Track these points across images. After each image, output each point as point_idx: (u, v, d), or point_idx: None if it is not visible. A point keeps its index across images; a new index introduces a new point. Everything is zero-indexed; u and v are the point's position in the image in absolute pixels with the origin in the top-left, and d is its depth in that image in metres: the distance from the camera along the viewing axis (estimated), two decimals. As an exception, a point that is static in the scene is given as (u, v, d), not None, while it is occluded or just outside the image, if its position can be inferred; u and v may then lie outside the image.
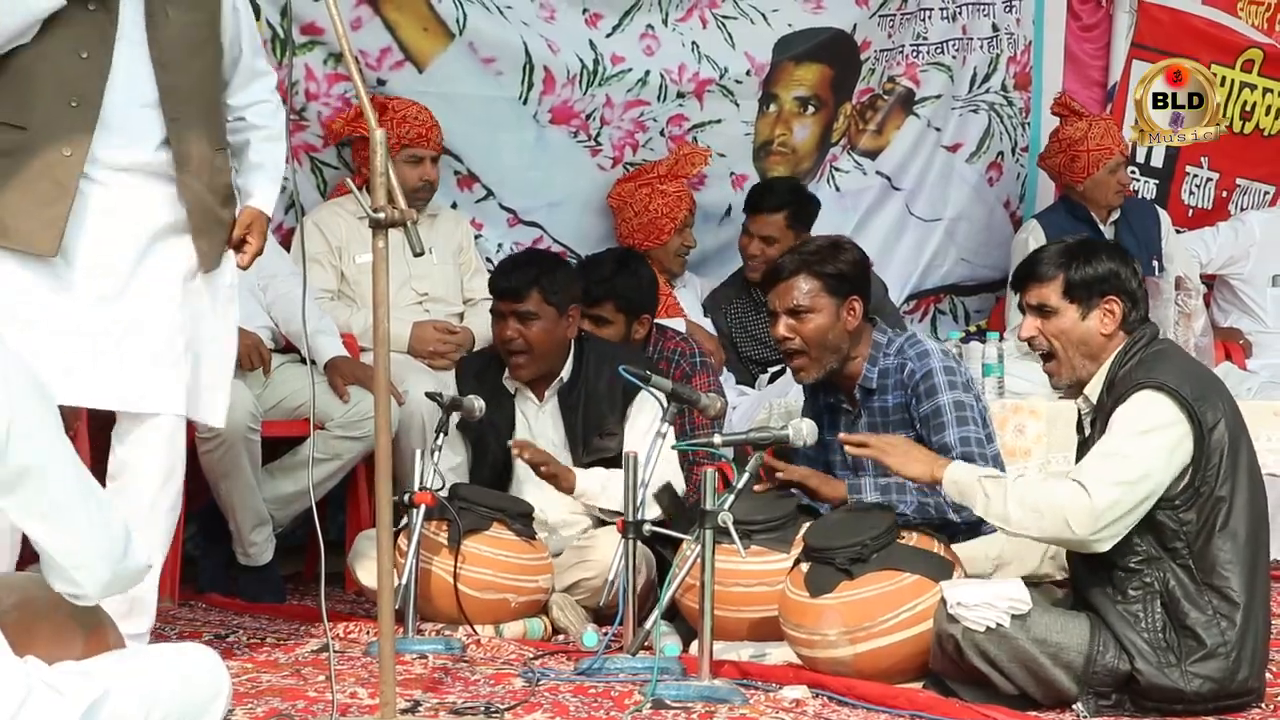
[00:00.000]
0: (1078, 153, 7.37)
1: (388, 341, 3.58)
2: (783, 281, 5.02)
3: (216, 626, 5.19)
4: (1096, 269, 4.26)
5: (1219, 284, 7.95)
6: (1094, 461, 4.10)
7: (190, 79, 4.32)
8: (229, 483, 5.69)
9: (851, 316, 4.99)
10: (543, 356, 5.53)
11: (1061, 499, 4.06)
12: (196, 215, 4.33)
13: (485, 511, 5.15)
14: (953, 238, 7.97)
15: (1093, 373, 4.26)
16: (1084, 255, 4.30)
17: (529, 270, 5.58)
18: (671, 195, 6.89)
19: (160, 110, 4.28)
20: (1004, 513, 4.15)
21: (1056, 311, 4.28)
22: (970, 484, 4.23)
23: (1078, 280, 4.26)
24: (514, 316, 5.50)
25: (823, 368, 5.00)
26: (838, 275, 4.99)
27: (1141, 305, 4.28)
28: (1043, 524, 4.10)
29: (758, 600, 4.67)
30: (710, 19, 7.24)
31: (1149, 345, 4.22)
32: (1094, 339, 4.26)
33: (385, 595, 3.50)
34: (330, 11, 3.76)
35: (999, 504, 4.15)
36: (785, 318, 5.00)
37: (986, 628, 4.08)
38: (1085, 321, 4.26)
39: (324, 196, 6.55)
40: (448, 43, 6.70)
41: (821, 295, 4.98)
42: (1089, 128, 7.42)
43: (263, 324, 5.97)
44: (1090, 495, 4.03)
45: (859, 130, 7.71)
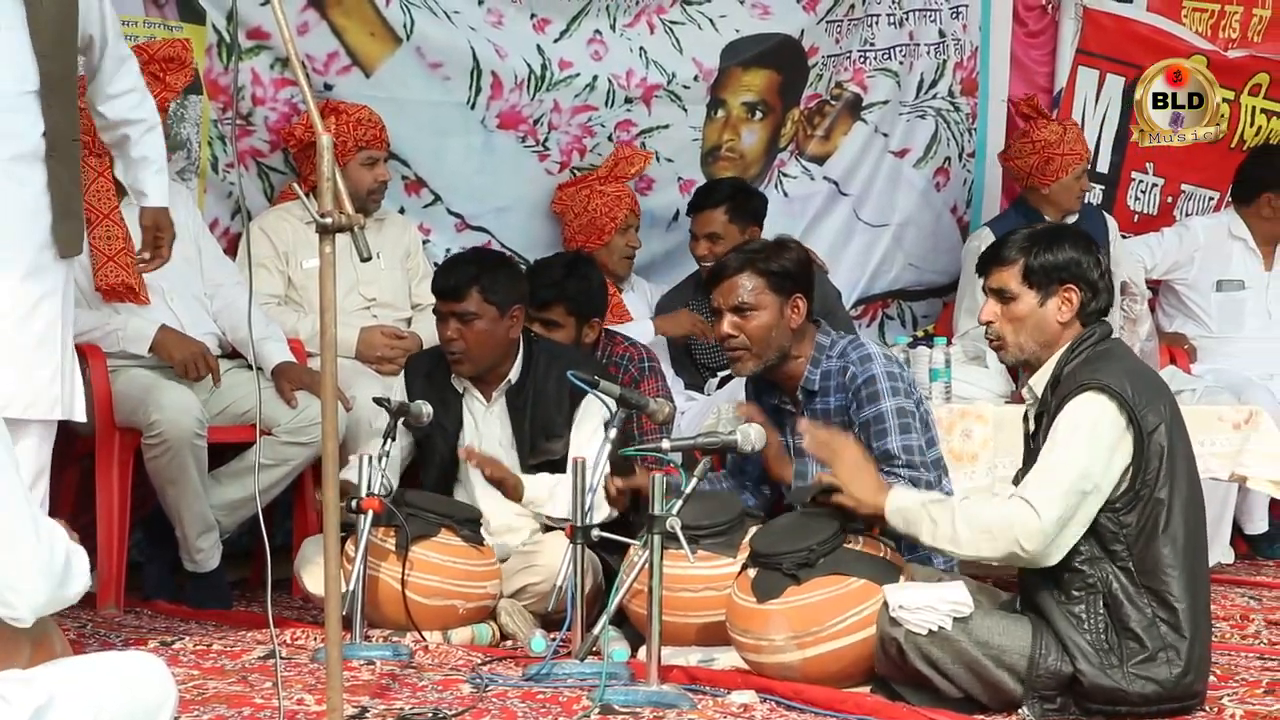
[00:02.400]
0: (1053, 155, 7.39)
1: (335, 347, 3.56)
2: (726, 279, 5.04)
3: (162, 633, 5.17)
4: (1057, 256, 4.28)
5: (1164, 289, 7.99)
6: (1038, 476, 4.11)
7: (61, 67, 4.32)
8: (175, 489, 5.66)
9: (795, 315, 5.00)
10: (482, 357, 5.52)
11: (1010, 519, 4.07)
12: (60, 203, 4.32)
13: (433, 518, 5.15)
14: (900, 243, 7.99)
15: (1043, 358, 4.27)
16: (1046, 241, 4.31)
17: (469, 269, 5.57)
18: (610, 195, 6.89)
19: (39, 98, 4.26)
20: (953, 536, 4.15)
21: (1015, 296, 4.29)
22: (915, 510, 4.23)
23: (1037, 266, 4.28)
24: (453, 317, 5.49)
25: (762, 362, 5.02)
26: (781, 273, 5.01)
27: (1103, 297, 4.29)
28: (994, 546, 4.11)
29: (705, 605, 4.67)
30: (658, 24, 7.25)
31: (1098, 344, 4.24)
32: (1049, 326, 4.27)
33: (332, 601, 3.48)
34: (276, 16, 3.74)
35: (947, 528, 4.15)
36: (729, 315, 5.01)
37: (929, 631, 4.10)
38: (1042, 308, 4.28)
39: (270, 201, 6.53)
40: (395, 47, 6.69)
41: (765, 293, 5.00)
42: (1064, 131, 7.46)
43: (209, 330, 5.94)
44: (1038, 514, 4.04)
45: (806, 136, 7.73)
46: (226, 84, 6.34)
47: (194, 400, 5.65)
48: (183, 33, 6.26)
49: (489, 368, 5.55)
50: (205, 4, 6.29)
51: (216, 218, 6.41)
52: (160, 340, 5.75)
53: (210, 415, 5.72)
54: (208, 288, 6.02)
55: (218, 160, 6.41)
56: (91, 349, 5.70)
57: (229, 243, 6.37)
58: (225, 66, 6.34)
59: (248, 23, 6.33)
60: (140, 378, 5.70)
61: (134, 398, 5.65)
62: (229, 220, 6.46)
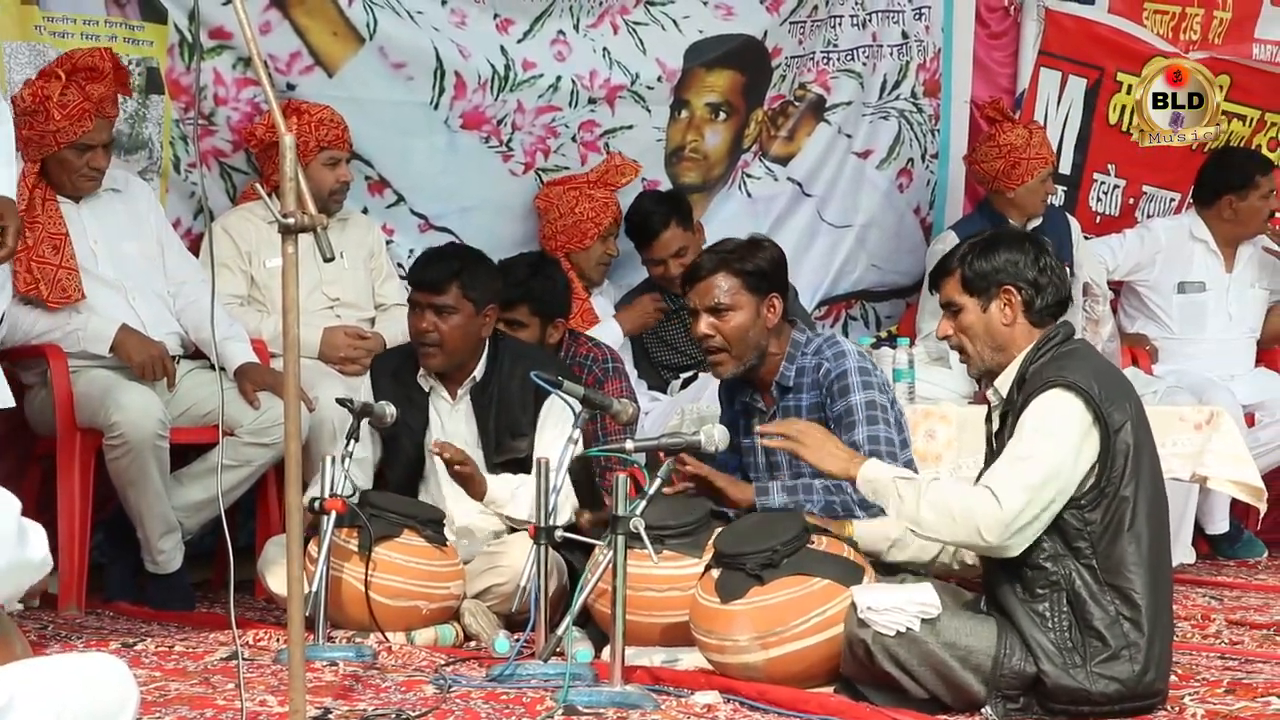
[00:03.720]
0: (1019, 159, 7.41)
1: (298, 347, 3.55)
2: (702, 280, 5.03)
3: (124, 634, 5.15)
4: (990, 261, 4.30)
5: (1126, 290, 8.02)
6: (1003, 467, 4.13)
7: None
8: (136, 490, 5.64)
9: (771, 314, 5.01)
10: (455, 351, 5.52)
11: (973, 505, 4.09)
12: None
13: (396, 518, 5.14)
14: (863, 244, 8.00)
15: (1002, 363, 4.29)
16: (980, 249, 4.34)
17: (451, 263, 5.58)
18: (599, 200, 6.89)
19: None
20: (916, 515, 4.17)
21: (961, 308, 4.33)
22: (885, 483, 4.26)
23: (971, 275, 4.31)
24: (431, 309, 5.48)
25: (742, 364, 5.02)
26: (757, 273, 5.01)
27: (1049, 292, 4.29)
28: (955, 529, 4.13)
29: (669, 605, 4.67)
30: (621, 25, 7.24)
31: (1062, 343, 4.25)
32: (997, 330, 4.29)
33: (295, 602, 3.47)
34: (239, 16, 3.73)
35: (912, 506, 4.18)
36: (706, 315, 5.01)
37: (896, 632, 4.10)
38: (986, 314, 4.30)
39: (233, 201, 6.51)
40: (358, 47, 6.67)
41: (741, 293, 5.00)
42: (1030, 135, 7.48)
43: (171, 330, 5.92)
44: (1000, 504, 4.06)
45: (770, 136, 7.73)
46: (189, 84, 6.32)
47: (156, 401, 5.63)
48: (145, 32, 6.24)
49: (458, 364, 5.54)
50: (167, 3, 6.27)
51: (179, 218, 6.38)
52: (120, 341, 5.72)
53: (172, 416, 5.70)
54: (171, 285, 6.00)
55: (180, 160, 6.39)
56: (52, 349, 5.69)
57: (191, 243, 6.35)
58: (187, 66, 6.32)
59: (210, 22, 6.31)
60: (101, 378, 5.68)
61: (95, 398, 5.63)
62: (191, 220, 6.43)
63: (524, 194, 7.06)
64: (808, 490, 4.85)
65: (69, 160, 5.77)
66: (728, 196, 7.61)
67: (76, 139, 5.73)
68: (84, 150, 5.77)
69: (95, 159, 5.80)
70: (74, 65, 5.76)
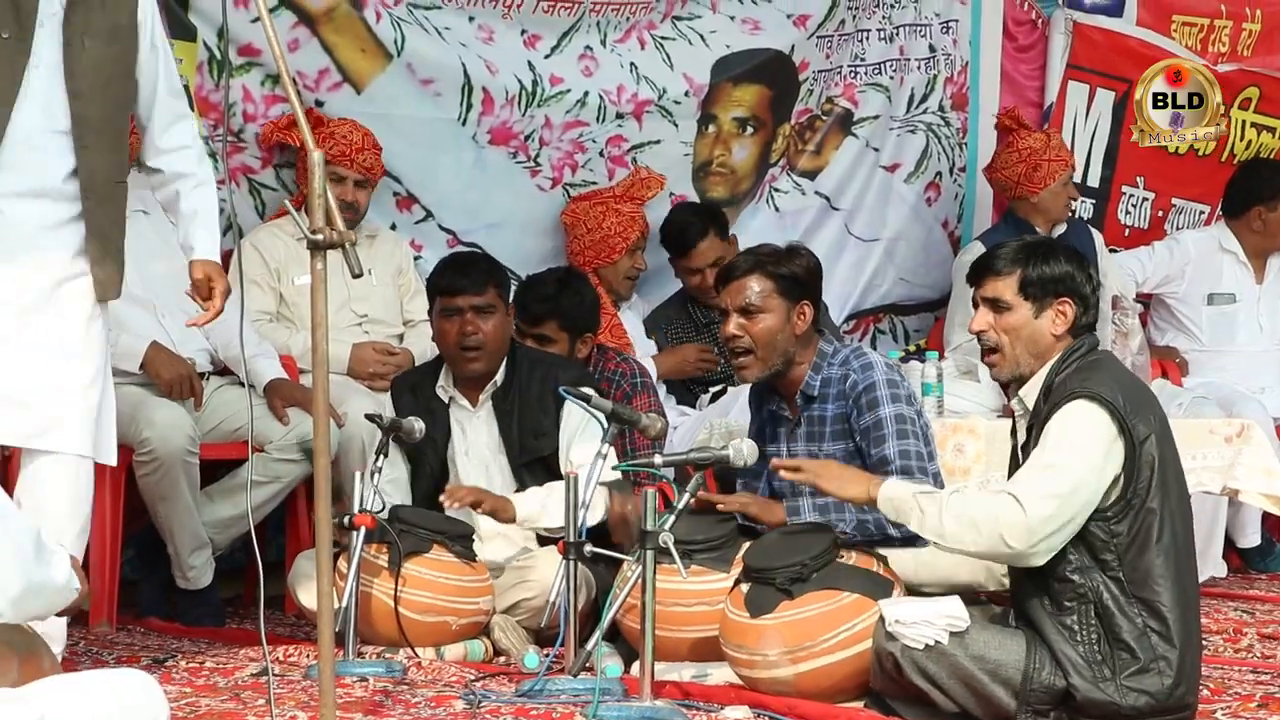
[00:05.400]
0: (1039, 162, 7.40)
1: (326, 363, 3.56)
2: (735, 280, 5.03)
3: (155, 650, 5.16)
4: (1054, 269, 4.28)
5: (1155, 303, 8.00)
6: (1028, 474, 4.12)
7: (102, 110, 4.33)
8: (167, 506, 5.66)
9: (801, 320, 5.00)
10: (496, 352, 5.54)
11: (996, 514, 4.08)
12: (96, 244, 4.35)
13: (425, 534, 5.15)
14: (891, 257, 8.00)
15: (1034, 370, 4.27)
16: (1042, 254, 4.32)
17: (483, 265, 5.65)
18: (626, 215, 6.90)
19: (71, 137, 4.28)
20: (939, 528, 4.16)
21: (1010, 307, 4.29)
22: (905, 500, 4.25)
23: (1034, 278, 4.28)
24: (473, 310, 5.49)
25: (766, 368, 5.01)
26: (790, 278, 5.01)
27: (1092, 312, 4.30)
28: (978, 539, 4.12)
29: (698, 620, 4.67)
30: (648, 40, 7.25)
31: (1087, 354, 4.24)
32: (1043, 338, 4.27)
33: (325, 618, 3.48)
34: (267, 33, 3.75)
35: (934, 520, 4.17)
36: (736, 316, 5.01)
37: (925, 645, 4.10)
38: (1037, 320, 4.28)
39: (262, 218, 6.53)
40: (386, 64, 6.69)
41: (773, 296, 4.99)
42: (1048, 140, 7.48)
43: (200, 346, 5.94)
44: (1025, 510, 4.04)
45: (797, 150, 7.73)
46: (218, 101, 6.34)
47: (186, 417, 5.65)
48: (174, 50, 6.24)
49: (496, 366, 5.55)
50: (196, 21, 6.29)
51: (208, 234, 6.40)
52: (150, 358, 5.74)
53: (202, 432, 5.72)
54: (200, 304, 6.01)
55: (209, 177, 6.41)
56: (83, 366, 5.69)
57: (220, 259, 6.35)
58: (216, 83, 6.35)
59: (239, 39, 6.33)
60: (131, 395, 5.69)
61: (125, 415, 5.63)
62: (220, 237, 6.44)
63: (551, 209, 7.07)
64: (839, 509, 4.84)
65: None
66: (755, 211, 7.61)
67: None
68: None
69: None
70: None
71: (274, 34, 3.75)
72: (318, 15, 6.56)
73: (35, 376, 4.28)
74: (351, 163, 6.31)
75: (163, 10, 6.13)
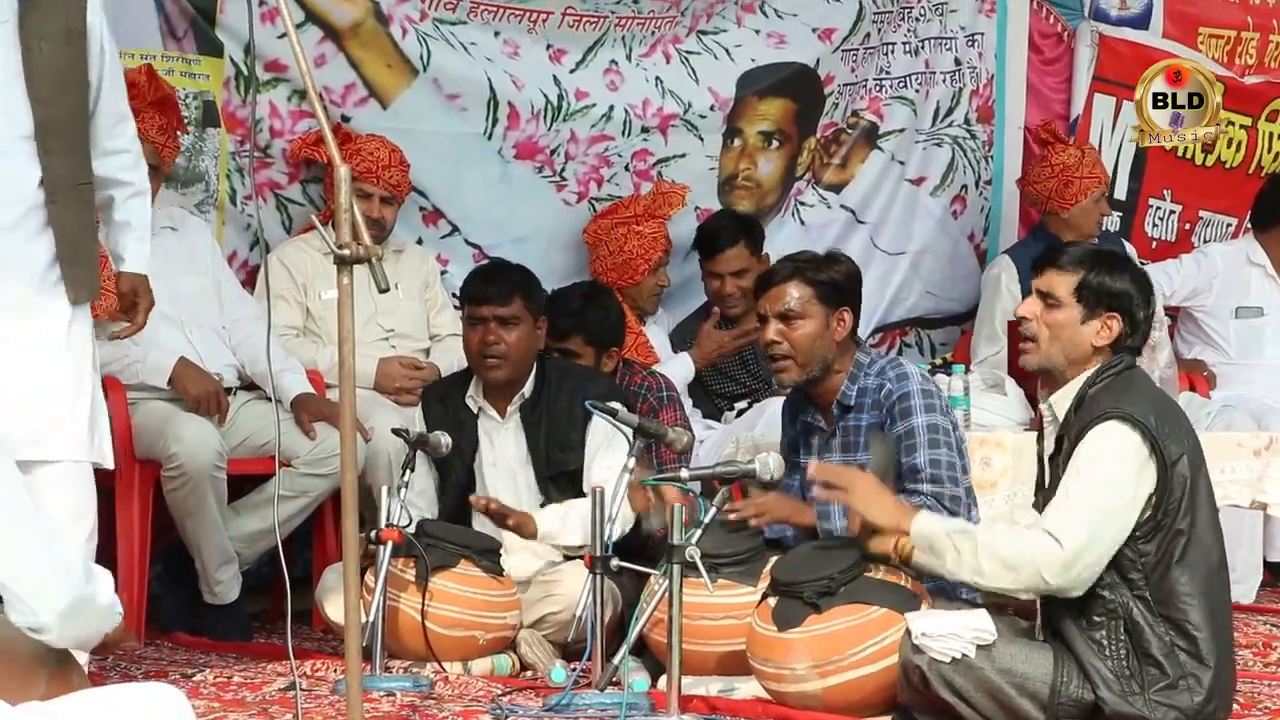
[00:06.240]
0: (1072, 178, 7.38)
1: (353, 378, 3.57)
2: (774, 286, 5.03)
3: (183, 665, 5.17)
4: (1115, 283, 4.26)
5: (1182, 316, 7.97)
6: (1061, 505, 4.09)
7: (63, 112, 4.32)
8: (194, 521, 5.67)
9: (840, 327, 4.99)
10: (519, 363, 5.53)
11: (1033, 552, 4.05)
12: (67, 247, 4.32)
13: (452, 548, 5.15)
14: (917, 271, 7.99)
15: (1064, 371, 4.25)
16: (1108, 264, 4.30)
17: (510, 275, 5.64)
18: (648, 236, 6.88)
19: (35, 143, 4.28)
20: (976, 568, 4.13)
21: (1061, 304, 4.27)
22: (939, 539, 4.20)
23: (1093, 284, 4.25)
24: (496, 320, 5.49)
25: (805, 373, 5.00)
26: (830, 284, 5.00)
27: (1139, 337, 4.27)
28: (1017, 578, 4.09)
29: (725, 634, 4.67)
30: (674, 54, 7.26)
31: (1121, 372, 4.22)
32: (1082, 345, 4.25)
33: (352, 632, 3.48)
34: (294, 48, 3.76)
35: (970, 559, 4.13)
36: (775, 322, 5.00)
37: (952, 658, 4.08)
38: (1083, 325, 4.26)
39: (289, 233, 6.54)
40: (412, 79, 6.70)
41: (813, 302, 4.99)
42: (1082, 155, 7.46)
43: (228, 362, 5.95)
44: (1061, 545, 4.02)
45: (823, 164, 7.73)
46: (244, 116, 6.36)
47: (213, 432, 5.66)
48: (201, 66, 6.29)
49: (519, 376, 5.55)
50: (223, 37, 6.31)
51: (235, 250, 6.43)
52: (178, 373, 5.76)
53: (229, 447, 5.73)
54: (226, 321, 6.03)
55: (236, 192, 6.43)
56: (111, 381, 5.71)
57: (247, 274, 6.39)
58: (243, 99, 6.36)
59: (265, 55, 6.35)
60: (159, 410, 5.71)
61: (153, 430, 5.66)
62: (247, 252, 6.48)
63: (578, 223, 7.07)
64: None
65: None
66: (781, 224, 7.60)
67: None
68: None
69: None
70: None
71: (301, 50, 3.76)
72: (344, 31, 6.58)
73: (23, 386, 4.25)
74: (378, 180, 6.31)
75: (190, 27, 6.23)
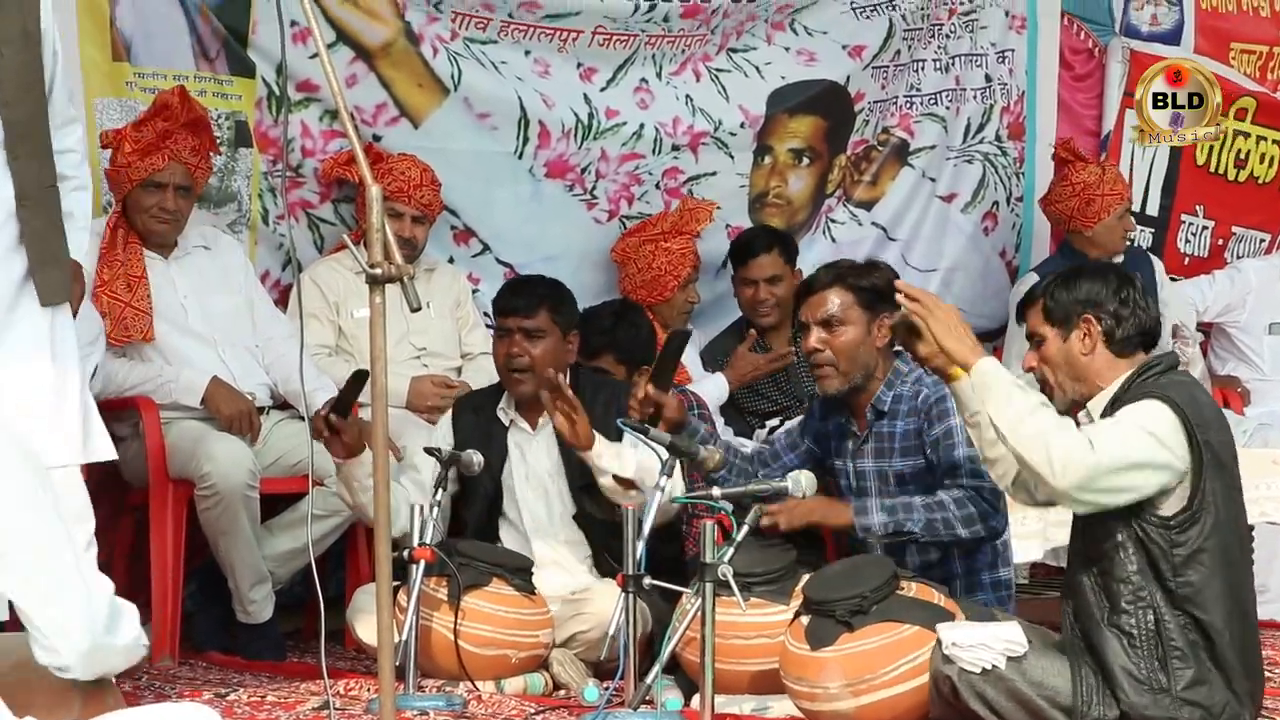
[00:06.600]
0: (1093, 196, 7.37)
1: (385, 397, 3.57)
2: (815, 294, 5.04)
3: (217, 685, 5.18)
4: (1072, 292, 4.26)
5: (1216, 332, 7.95)
6: (1104, 429, 4.07)
7: (27, 115, 4.33)
8: (228, 540, 5.68)
9: (881, 334, 4.99)
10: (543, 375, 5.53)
11: (1070, 444, 4.01)
12: (36, 250, 4.34)
13: (484, 567, 5.15)
14: (949, 288, 7.97)
15: (1084, 394, 4.24)
16: (1062, 280, 4.31)
17: (539, 288, 5.63)
18: (676, 253, 6.88)
19: (5, 150, 4.29)
20: (1014, 424, 4.06)
21: (1044, 338, 4.29)
22: (1000, 381, 4.12)
23: (1052, 305, 4.28)
24: (521, 333, 5.50)
25: (848, 381, 5.00)
26: (871, 290, 5.00)
27: (1130, 322, 4.23)
28: (1039, 456, 4.02)
29: (758, 653, 4.66)
30: (704, 72, 7.26)
31: (1165, 373, 4.20)
32: (1076, 360, 4.25)
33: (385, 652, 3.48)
34: (325, 69, 3.77)
35: (1014, 411, 4.06)
36: (817, 329, 5.00)
37: (982, 669, 4.08)
38: (1066, 344, 4.27)
39: (321, 253, 6.56)
40: (443, 98, 6.72)
41: (854, 308, 4.99)
42: (1103, 173, 7.45)
43: (260, 381, 5.97)
44: (1095, 451, 3.99)
45: (854, 181, 7.73)
46: (276, 136, 6.39)
47: (246, 451, 5.67)
48: (233, 86, 6.32)
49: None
50: (255, 57, 6.34)
51: (267, 269, 6.45)
52: (211, 393, 5.77)
53: (263, 466, 5.74)
54: (259, 340, 6.04)
55: (268, 212, 6.45)
56: (144, 401, 5.74)
57: (280, 294, 6.40)
58: (275, 119, 6.39)
59: (297, 75, 6.38)
60: (192, 429, 5.73)
61: (186, 449, 5.68)
62: (280, 272, 6.50)
63: (608, 242, 7.07)
64: (907, 509, 4.83)
65: (139, 199, 5.82)
66: (812, 242, 7.60)
67: (147, 176, 5.78)
68: (155, 189, 5.81)
69: (166, 200, 5.82)
70: (153, 105, 5.87)
71: (332, 70, 3.77)
72: (375, 50, 6.61)
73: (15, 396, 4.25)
74: (410, 199, 6.32)
75: (222, 47, 6.25)
